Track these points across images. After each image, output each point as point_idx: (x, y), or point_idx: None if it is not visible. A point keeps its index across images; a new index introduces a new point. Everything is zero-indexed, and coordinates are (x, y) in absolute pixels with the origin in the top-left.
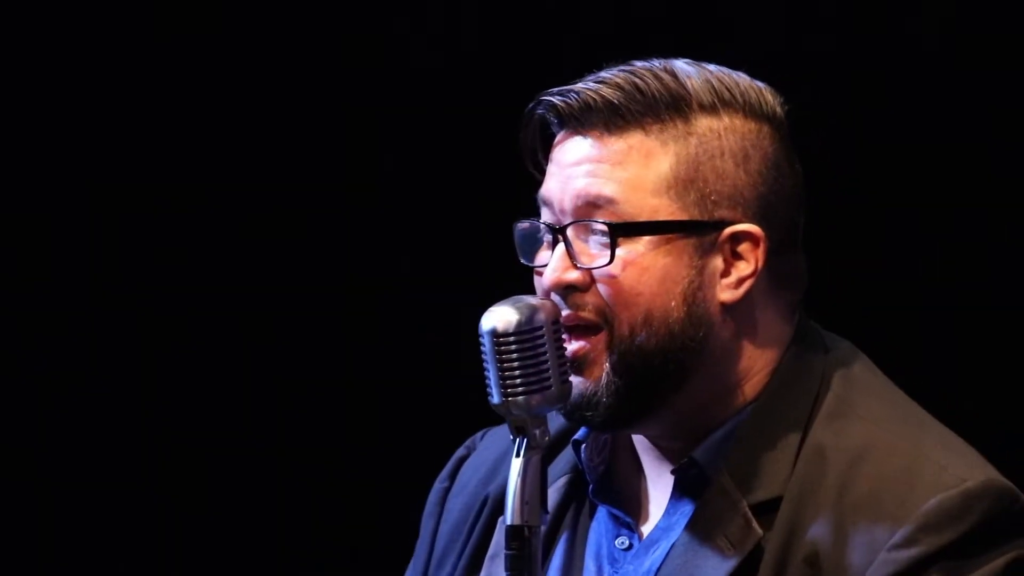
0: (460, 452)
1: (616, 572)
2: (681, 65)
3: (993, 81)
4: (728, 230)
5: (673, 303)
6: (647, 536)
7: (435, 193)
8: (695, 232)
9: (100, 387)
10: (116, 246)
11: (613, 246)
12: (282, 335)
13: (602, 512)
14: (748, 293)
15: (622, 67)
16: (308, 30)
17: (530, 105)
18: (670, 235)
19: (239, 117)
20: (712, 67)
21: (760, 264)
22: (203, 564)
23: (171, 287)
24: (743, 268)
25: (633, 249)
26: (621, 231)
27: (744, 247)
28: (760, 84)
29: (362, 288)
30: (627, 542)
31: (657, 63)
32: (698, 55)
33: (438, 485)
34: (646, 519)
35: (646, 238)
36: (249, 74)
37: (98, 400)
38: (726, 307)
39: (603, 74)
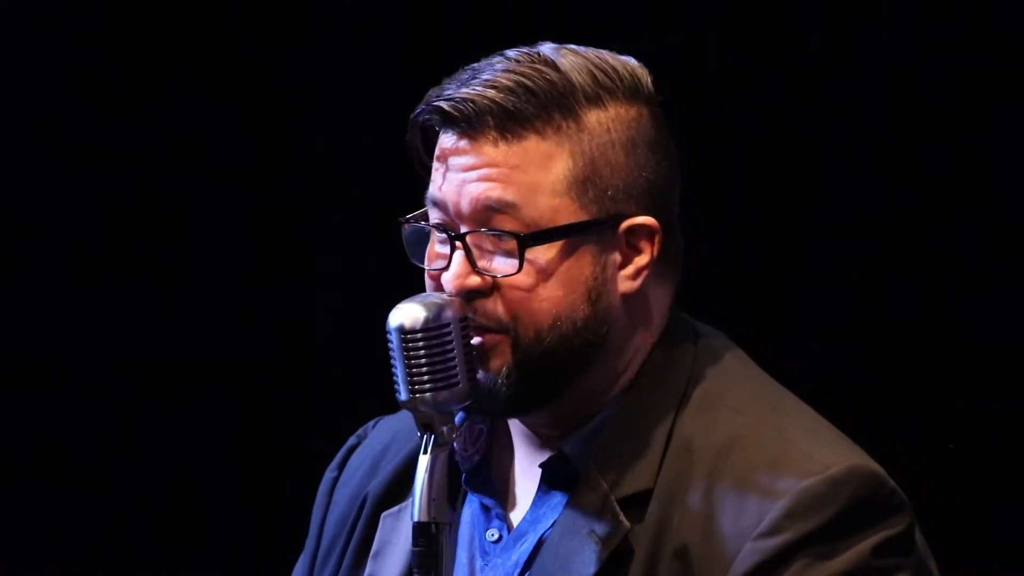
0: (351, 441)
1: (486, 564)
2: (558, 55)
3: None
4: (625, 224)
5: (579, 303)
6: (515, 529)
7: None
8: (597, 231)
9: None
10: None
11: (522, 256)
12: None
13: (474, 502)
14: (643, 282)
15: (500, 62)
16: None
17: (417, 110)
18: (574, 237)
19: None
20: (587, 51)
21: (655, 253)
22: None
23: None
24: (640, 259)
25: (539, 256)
26: (530, 241)
27: (640, 238)
28: (631, 61)
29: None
30: (497, 534)
31: (530, 52)
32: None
33: (328, 474)
34: (515, 510)
35: (552, 244)
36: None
37: None
38: (625, 298)
39: (484, 74)
